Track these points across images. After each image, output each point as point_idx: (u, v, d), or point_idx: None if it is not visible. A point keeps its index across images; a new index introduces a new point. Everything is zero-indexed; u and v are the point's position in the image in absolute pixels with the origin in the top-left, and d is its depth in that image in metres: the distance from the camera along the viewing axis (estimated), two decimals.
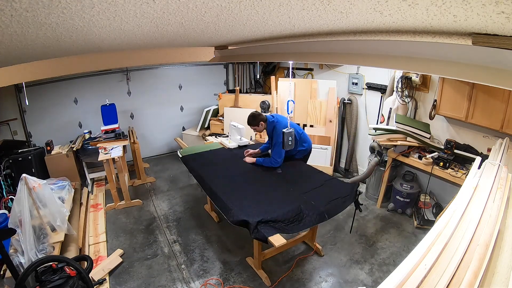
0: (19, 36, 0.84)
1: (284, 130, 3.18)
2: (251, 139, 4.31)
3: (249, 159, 3.27)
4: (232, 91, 5.67)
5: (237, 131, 3.89)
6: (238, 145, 3.87)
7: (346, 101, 4.61)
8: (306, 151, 3.40)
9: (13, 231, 2.27)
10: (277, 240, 2.13)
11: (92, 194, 4.37)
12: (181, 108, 5.94)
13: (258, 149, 3.48)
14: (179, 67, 5.64)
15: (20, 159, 3.74)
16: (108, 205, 3.98)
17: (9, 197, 3.23)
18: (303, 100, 4.75)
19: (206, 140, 4.44)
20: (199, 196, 4.25)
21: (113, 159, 3.76)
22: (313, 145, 4.65)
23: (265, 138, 4.82)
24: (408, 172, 3.67)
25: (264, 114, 3.30)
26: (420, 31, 0.90)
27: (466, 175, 2.17)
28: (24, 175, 2.50)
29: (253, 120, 3.18)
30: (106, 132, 4.39)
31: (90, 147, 4.25)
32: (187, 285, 2.70)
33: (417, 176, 3.70)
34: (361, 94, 4.44)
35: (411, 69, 1.15)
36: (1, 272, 2.35)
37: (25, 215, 2.40)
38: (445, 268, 1.11)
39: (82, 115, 4.94)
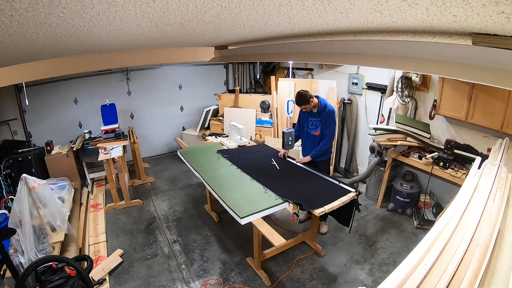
0: (19, 36, 0.84)
1: (284, 130, 3.18)
2: (251, 139, 4.31)
3: (301, 160, 3.20)
4: (232, 91, 5.66)
5: (237, 131, 3.89)
6: (238, 145, 3.87)
7: (346, 101, 4.61)
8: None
9: (13, 231, 2.27)
10: (277, 240, 2.13)
11: (92, 194, 4.36)
12: (181, 108, 5.94)
13: (285, 152, 3.35)
14: (179, 67, 5.64)
15: (20, 159, 3.74)
16: (108, 205, 3.98)
17: (9, 197, 3.23)
18: None
19: (206, 140, 4.44)
20: (199, 196, 4.25)
21: (113, 159, 3.76)
22: None
23: (265, 137, 4.82)
24: (408, 172, 3.67)
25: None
26: (420, 31, 0.90)
27: (466, 175, 2.16)
28: (24, 175, 2.50)
29: (303, 99, 2.94)
30: (106, 132, 4.39)
31: (90, 147, 4.25)
32: (187, 285, 2.70)
33: (417, 176, 3.70)
34: (361, 94, 4.44)
35: (411, 69, 1.15)
36: (1, 272, 2.35)
37: (25, 215, 2.40)
38: (445, 268, 1.11)
39: (82, 115, 4.94)
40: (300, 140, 3.39)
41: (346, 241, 3.23)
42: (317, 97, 3.04)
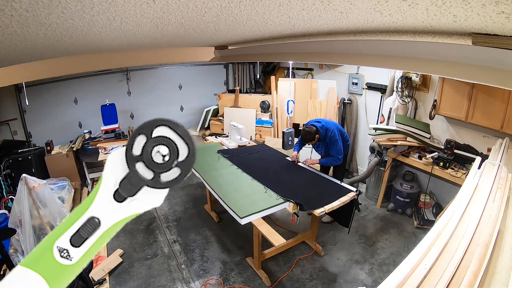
0: (19, 36, 0.84)
1: (284, 130, 3.19)
2: (251, 139, 4.31)
3: (310, 161, 3.27)
4: (232, 91, 5.67)
5: (237, 131, 3.89)
6: (238, 145, 3.87)
7: (346, 101, 4.61)
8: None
9: (13, 231, 2.27)
10: (277, 240, 2.13)
11: None
12: (181, 108, 5.94)
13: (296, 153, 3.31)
14: (179, 67, 5.65)
15: (20, 159, 3.74)
16: None
17: (9, 197, 3.23)
18: (303, 100, 4.75)
19: (206, 140, 4.44)
20: (199, 196, 4.25)
21: None
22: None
23: (265, 137, 4.82)
24: (408, 172, 3.67)
25: (311, 125, 3.13)
26: (420, 31, 0.90)
27: (466, 175, 2.16)
28: (24, 175, 2.50)
29: (309, 135, 3.06)
30: (106, 132, 4.40)
31: (90, 147, 4.25)
32: (187, 285, 2.70)
33: (417, 176, 3.70)
34: (361, 94, 4.44)
35: (411, 69, 1.15)
36: (1, 272, 2.35)
37: (25, 215, 2.40)
38: (445, 268, 1.11)
39: (82, 115, 4.94)
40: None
41: (346, 241, 3.23)
42: (316, 126, 3.06)
